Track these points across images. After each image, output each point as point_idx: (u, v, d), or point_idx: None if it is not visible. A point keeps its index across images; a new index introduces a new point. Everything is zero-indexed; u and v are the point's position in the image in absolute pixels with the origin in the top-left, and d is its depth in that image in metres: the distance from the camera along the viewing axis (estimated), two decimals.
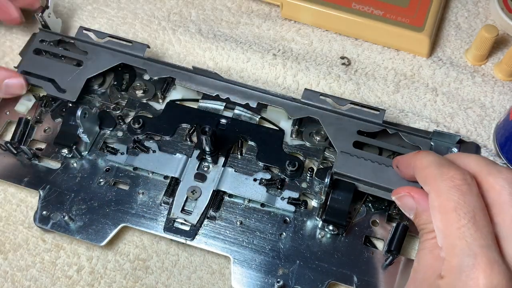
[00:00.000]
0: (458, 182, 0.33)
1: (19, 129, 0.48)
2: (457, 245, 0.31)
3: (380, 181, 0.43)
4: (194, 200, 0.45)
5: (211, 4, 0.59)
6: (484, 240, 0.30)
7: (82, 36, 0.52)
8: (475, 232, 0.31)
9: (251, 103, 0.48)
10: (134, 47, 0.51)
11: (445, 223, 0.32)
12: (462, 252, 0.30)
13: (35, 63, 0.50)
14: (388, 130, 0.46)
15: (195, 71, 0.50)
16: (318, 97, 0.48)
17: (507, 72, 0.53)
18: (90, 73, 0.50)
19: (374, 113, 0.47)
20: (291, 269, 0.42)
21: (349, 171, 0.43)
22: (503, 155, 0.48)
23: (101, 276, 0.43)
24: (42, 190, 0.45)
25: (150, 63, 0.50)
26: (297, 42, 0.56)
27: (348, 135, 0.46)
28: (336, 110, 0.47)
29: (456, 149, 0.47)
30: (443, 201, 0.32)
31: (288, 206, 0.45)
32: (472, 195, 0.32)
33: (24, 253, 0.44)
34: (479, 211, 0.31)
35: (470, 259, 0.30)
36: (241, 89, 0.49)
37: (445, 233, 0.32)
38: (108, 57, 0.50)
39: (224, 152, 0.47)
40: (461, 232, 0.31)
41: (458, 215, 0.31)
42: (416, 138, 0.46)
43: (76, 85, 0.49)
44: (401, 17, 0.54)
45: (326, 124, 0.46)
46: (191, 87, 0.49)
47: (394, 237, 0.41)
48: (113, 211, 0.45)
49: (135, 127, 0.48)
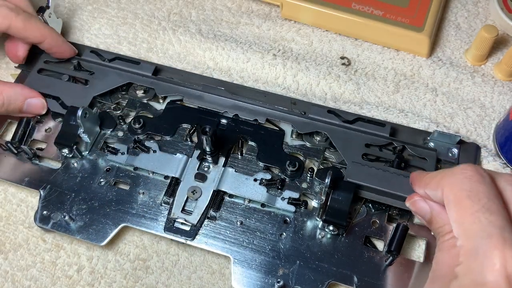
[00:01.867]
0: (470, 173, 0.33)
1: (20, 129, 0.48)
2: (472, 229, 0.31)
3: (392, 189, 0.43)
4: (194, 200, 0.45)
5: (211, 4, 0.59)
6: (499, 222, 0.30)
7: (89, 56, 0.52)
8: (490, 215, 0.31)
9: (259, 119, 0.49)
10: (141, 67, 0.51)
11: (459, 211, 0.32)
12: (477, 235, 0.30)
13: (39, 81, 0.50)
14: (394, 143, 0.47)
15: (204, 89, 0.50)
16: (325, 112, 0.48)
17: (506, 72, 0.53)
18: (97, 91, 0.50)
19: (381, 127, 0.48)
20: (291, 269, 0.42)
21: (361, 180, 0.44)
22: (503, 155, 0.48)
23: (101, 276, 0.44)
24: (43, 190, 0.45)
25: (158, 83, 0.50)
26: (297, 42, 0.56)
27: (356, 147, 0.46)
28: (344, 125, 0.48)
29: (456, 149, 0.47)
30: (457, 192, 0.33)
31: (288, 206, 0.45)
32: (485, 184, 0.32)
33: (25, 253, 0.44)
34: (493, 197, 0.32)
35: (485, 240, 0.30)
36: (249, 106, 0.49)
37: (460, 222, 0.32)
38: (115, 77, 0.51)
39: (225, 152, 0.47)
40: (475, 217, 0.31)
41: (472, 201, 0.31)
42: (422, 150, 0.47)
43: (82, 102, 0.49)
44: (401, 17, 0.54)
45: (335, 138, 0.47)
46: (200, 104, 0.50)
47: (394, 238, 0.41)
48: (113, 211, 0.45)
49: (135, 127, 0.48)
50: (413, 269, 0.43)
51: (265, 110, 0.49)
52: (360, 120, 0.48)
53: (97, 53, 0.53)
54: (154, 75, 0.51)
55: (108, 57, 0.52)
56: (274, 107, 0.49)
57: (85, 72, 0.51)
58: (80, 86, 0.50)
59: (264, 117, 0.49)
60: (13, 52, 0.50)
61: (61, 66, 0.52)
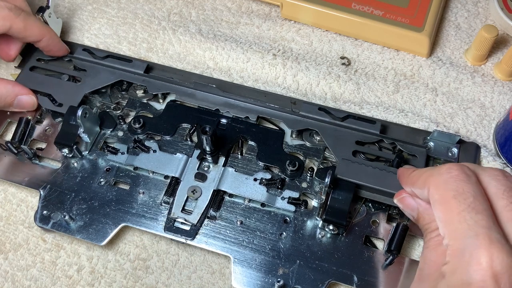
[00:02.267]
0: (455, 173, 0.33)
1: (19, 128, 0.48)
2: (458, 228, 0.31)
3: (381, 186, 0.43)
4: (194, 199, 0.45)
5: (211, 4, 0.59)
6: (486, 221, 0.30)
7: (81, 54, 0.52)
8: (475, 214, 0.31)
9: (251, 116, 0.49)
10: (133, 64, 0.51)
11: (445, 211, 0.32)
12: (464, 234, 0.30)
13: (32, 78, 0.51)
14: (385, 140, 0.47)
15: (195, 86, 0.50)
16: (316, 109, 0.48)
17: (506, 72, 0.53)
18: (88, 89, 0.50)
19: (371, 124, 0.48)
20: (291, 269, 0.42)
21: (351, 177, 0.44)
22: (503, 155, 0.48)
23: (101, 275, 0.44)
24: (43, 189, 0.46)
25: (150, 80, 0.51)
26: (297, 42, 0.56)
27: (347, 145, 0.47)
28: (335, 122, 0.48)
29: (456, 149, 0.47)
30: (442, 192, 0.33)
31: (288, 206, 0.45)
32: (470, 183, 0.32)
33: (25, 253, 0.44)
34: (479, 196, 0.32)
35: (472, 239, 0.30)
36: (241, 103, 0.50)
37: (446, 221, 0.32)
38: (107, 75, 0.51)
39: (225, 152, 0.47)
40: (461, 216, 0.31)
41: (458, 201, 0.32)
42: (412, 147, 0.47)
43: (73, 99, 0.49)
44: (401, 17, 0.55)
45: (325, 135, 0.47)
46: (191, 102, 0.50)
47: (394, 237, 0.42)
48: (113, 211, 0.45)
49: (135, 127, 0.48)
50: (413, 268, 0.43)
51: (257, 107, 0.49)
52: (351, 118, 0.48)
53: (90, 51, 0.53)
54: (146, 73, 0.51)
55: (100, 55, 0.52)
56: (266, 105, 0.49)
57: (77, 70, 0.51)
58: (72, 84, 0.51)
59: (256, 115, 0.49)
60: (5, 51, 0.50)
61: (53, 64, 0.52)
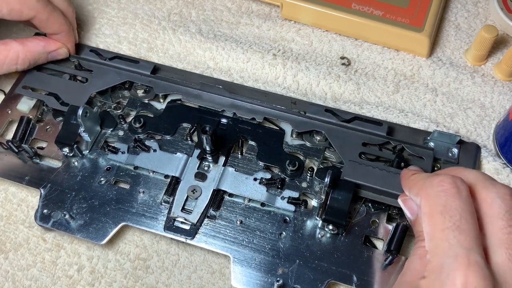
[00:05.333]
0: (447, 186, 0.33)
1: (20, 128, 0.48)
2: (440, 246, 0.31)
3: (387, 187, 0.43)
4: (194, 199, 0.45)
5: (211, 4, 0.59)
6: (467, 243, 0.30)
7: (88, 55, 0.52)
8: (458, 234, 0.31)
9: (257, 118, 0.49)
10: (140, 66, 0.51)
11: (431, 226, 0.32)
12: (444, 253, 0.31)
13: (38, 78, 0.51)
14: (391, 142, 0.47)
15: (201, 88, 0.50)
16: (322, 111, 0.48)
17: (506, 72, 0.53)
18: (95, 89, 0.50)
19: (378, 126, 0.48)
20: (291, 269, 0.42)
21: (358, 178, 0.44)
22: (503, 155, 0.48)
23: (101, 275, 0.44)
24: (43, 188, 0.46)
25: (156, 81, 0.51)
26: (297, 42, 0.57)
27: (353, 146, 0.46)
28: (341, 124, 0.48)
29: (456, 149, 0.47)
30: (432, 205, 0.33)
31: (288, 205, 0.45)
32: (460, 199, 0.32)
33: (25, 252, 0.44)
34: (466, 215, 0.32)
35: (451, 260, 0.30)
36: (247, 104, 0.49)
37: (431, 237, 0.32)
38: (114, 76, 0.51)
39: (225, 152, 0.47)
40: (444, 234, 0.31)
41: (444, 217, 0.32)
42: (419, 149, 0.47)
43: (79, 100, 0.49)
44: (400, 17, 0.55)
45: (332, 137, 0.47)
46: (198, 103, 0.50)
47: (393, 237, 0.42)
48: (113, 210, 0.45)
49: (136, 126, 0.48)
50: None
51: (263, 109, 0.49)
52: (358, 119, 0.48)
53: (97, 52, 0.53)
54: (152, 74, 0.51)
55: (107, 56, 0.52)
56: (272, 106, 0.49)
57: (84, 71, 0.52)
58: (79, 84, 0.51)
59: (262, 116, 0.49)
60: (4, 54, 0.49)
61: (60, 64, 0.52)
